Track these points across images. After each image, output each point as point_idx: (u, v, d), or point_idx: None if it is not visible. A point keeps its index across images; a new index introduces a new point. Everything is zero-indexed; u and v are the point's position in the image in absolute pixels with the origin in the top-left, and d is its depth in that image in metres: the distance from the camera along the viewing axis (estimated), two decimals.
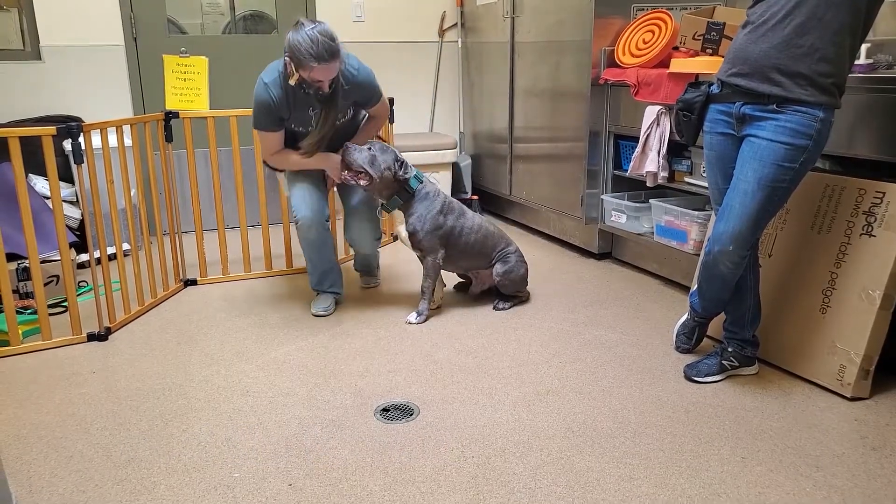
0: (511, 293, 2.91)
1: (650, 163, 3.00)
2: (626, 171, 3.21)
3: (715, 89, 2.08)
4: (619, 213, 3.31)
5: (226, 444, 1.94)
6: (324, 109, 2.62)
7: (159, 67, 3.98)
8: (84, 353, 2.54)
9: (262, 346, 2.59)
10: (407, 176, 2.68)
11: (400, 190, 2.69)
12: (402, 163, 2.68)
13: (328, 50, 2.38)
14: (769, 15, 1.88)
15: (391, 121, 3.56)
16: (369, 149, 2.65)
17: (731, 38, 2.72)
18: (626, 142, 3.31)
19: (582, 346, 2.54)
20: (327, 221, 2.77)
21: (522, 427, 2.00)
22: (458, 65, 4.74)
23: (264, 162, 2.87)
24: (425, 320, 2.78)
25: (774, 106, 1.91)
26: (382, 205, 2.76)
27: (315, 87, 2.51)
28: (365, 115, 2.92)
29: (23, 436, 1.99)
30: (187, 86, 3.15)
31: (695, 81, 2.18)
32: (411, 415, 2.07)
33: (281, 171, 2.88)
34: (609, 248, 3.58)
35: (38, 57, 3.86)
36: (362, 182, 2.66)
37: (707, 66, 2.70)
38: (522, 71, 3.91)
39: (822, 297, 2.21)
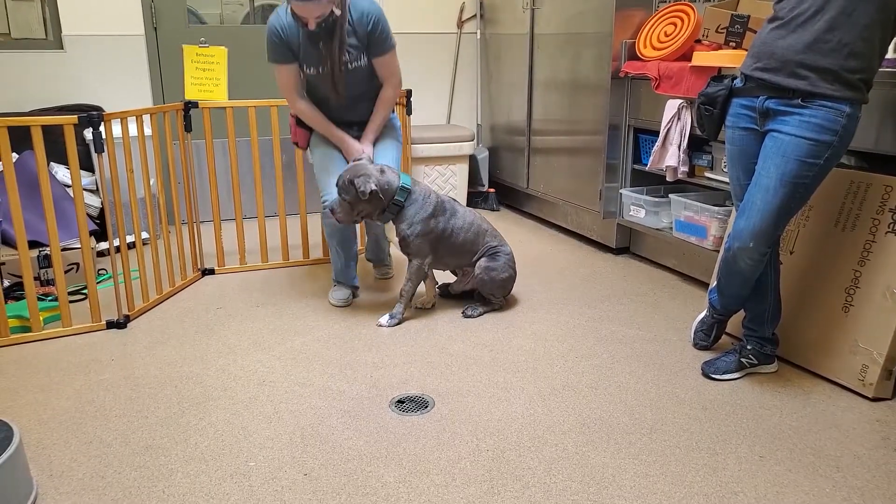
0: (487, 293, 2.75)
1: (670, 157, 2.97)
2: (646, 165, 3.18)
3: (738, 83, 2.05)
4: (637, 208, 3.28)
5: (242, 432, 1.95)
6: (326, 43, 2.58)
7: (179, 57, 4.00)
8: (103, 341, 2.57)
9: (279, 335, 2.60)
10: (371, 189, 2.48)
11: (388, 204, 2.56)
12: (370, 192, 2.47)
13: None
14: (799, 10, 1.85)
15: (408, 112, 3.55)
16: (344, 197, 2.51)
17: (755, 31, 2.67)
18: (645, 136, 3.28)
19: (598, 342, 2.52)
20: None
21: (537, 421, 1.99)
22: (476, 57, 4.71)
23: (295, 127, 2.85)
24: (398, 323, 2.68)
25: (799, 100, 1.88)
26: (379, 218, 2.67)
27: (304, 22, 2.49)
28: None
29: (43, 421, 2.02)
30: (206, 76, 3.17)
31: (717, 75, 2.15)
32: (426, 407, 2.07)
33: (309, 129, 2.87)
34: (627, 243, 3.55)
35: (60, 46, 3.90)
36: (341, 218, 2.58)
37: (730, 59, 2.66)
38: (541, 63, 3.88)
39: (844, 295, 2.17)
